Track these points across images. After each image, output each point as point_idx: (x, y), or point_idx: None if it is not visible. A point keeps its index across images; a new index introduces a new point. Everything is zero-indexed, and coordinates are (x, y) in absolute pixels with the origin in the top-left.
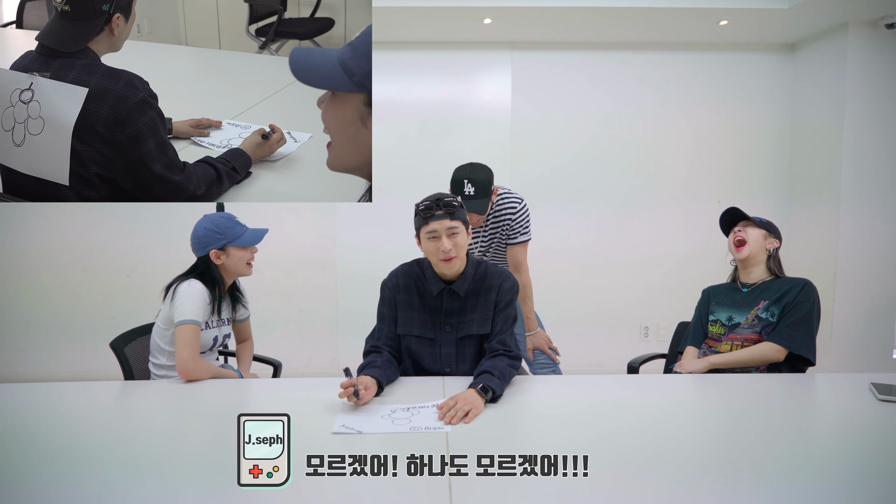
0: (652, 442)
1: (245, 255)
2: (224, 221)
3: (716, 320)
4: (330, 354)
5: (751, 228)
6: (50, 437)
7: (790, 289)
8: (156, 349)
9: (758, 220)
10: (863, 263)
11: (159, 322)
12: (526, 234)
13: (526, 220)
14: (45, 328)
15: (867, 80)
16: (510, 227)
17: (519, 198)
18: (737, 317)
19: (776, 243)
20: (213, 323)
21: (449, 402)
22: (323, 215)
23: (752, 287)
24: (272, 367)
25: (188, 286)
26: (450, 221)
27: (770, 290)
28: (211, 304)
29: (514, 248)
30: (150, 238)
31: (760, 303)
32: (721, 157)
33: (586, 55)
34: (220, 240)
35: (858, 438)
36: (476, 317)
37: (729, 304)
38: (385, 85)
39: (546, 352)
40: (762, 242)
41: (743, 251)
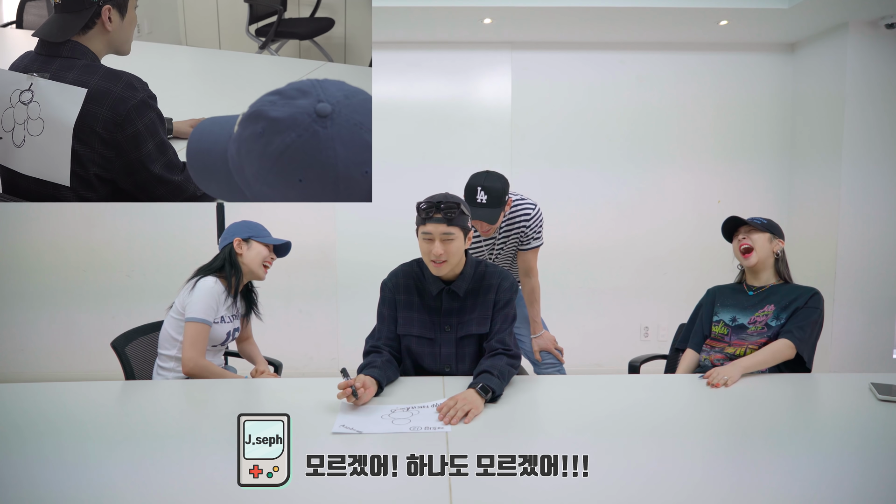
0: (652, 442)
1: (264, 252)
2: (256, 224)
3: (719, 321)
4: (330, 354)
5: (755, 234)
6: (50, 437)
7: (800, 295)
8: (166, 340)
9: (759, 221)
10: (863, 263)
11: (174, 312)
12: (538, 240)
13: (539, 225)
14: (45, 328)
15: (867, 80)
16: (524, 234)
17: (532, 203)
18: (741, 318)
19: (781, 243)
20: (228, 318)
21: (449, 402)
22: (323, 215)
23: (760, 290)
24: (272, 367)
25: (206, 283)
26: (446, 227)
27: (778, 295)
28: (227, 296)
29: (527, 254)
30: (150, 238)
31: (766, 307)
32: (721, 156)
33: (586, 55)
34: (247, 232)
35: (858, 438)
36: (475, 316)
37: (733, 304)
38: (385, 85)
39: (552, 352)
40: (768, 246)
41: (751, 258)
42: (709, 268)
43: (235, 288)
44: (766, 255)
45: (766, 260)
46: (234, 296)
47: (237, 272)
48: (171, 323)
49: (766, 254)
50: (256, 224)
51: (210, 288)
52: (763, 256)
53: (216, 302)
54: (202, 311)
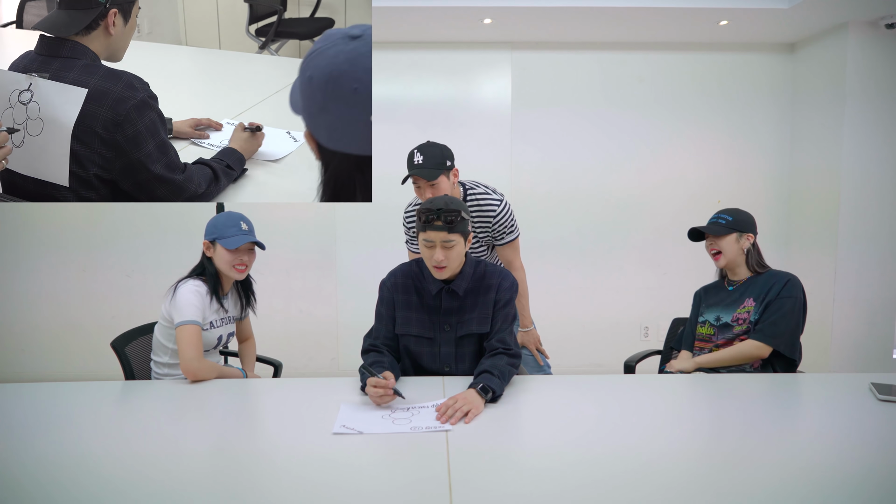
0: (651, 442)
1: (227, 257)
2: (226, 219)
3: (704, 321)
4: (330, 354)
5: (719, 239)
6: (50, 437)
7: (773, 285)
8: (158, 347)
9: (723, 221)
10: (863, 263)
11: (161, 320)
12: (513, 233)
13: (510, 220)
14: (45, 328)
15: (867, 80)
16: (494, 230)
17: (497, 198)
18: (724, 316)
19: (751, 238)
20: (217, 322)
21: (448, 401)
22: (323, 215)
23: (738, 284)
24: (272, 367)
25: (185, 286)
26: (447, 234)
27: (756, 287)
28: (210, 299)
29: (504, 249)
30: (150, 238)
31: (746, 301)
32: (721, 156)
33: (586, 55)
34: (212, 234)
35: (858, 438)
36: (475, 316)
37: (716, 303)
38: (385, 85)
39: (532, 352)
40: (736, 246)
41: (720, 261)
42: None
43: (215, 291)
44: (735, 254)
45: (736, 258)
46: (219, 299)
47: (215, 277)
48: (161, 330)
49: (734, 253)
50: (224, 219)
51: (190, 290)
52: (732, 256)
53: (200, 301)
54: (189, 314)
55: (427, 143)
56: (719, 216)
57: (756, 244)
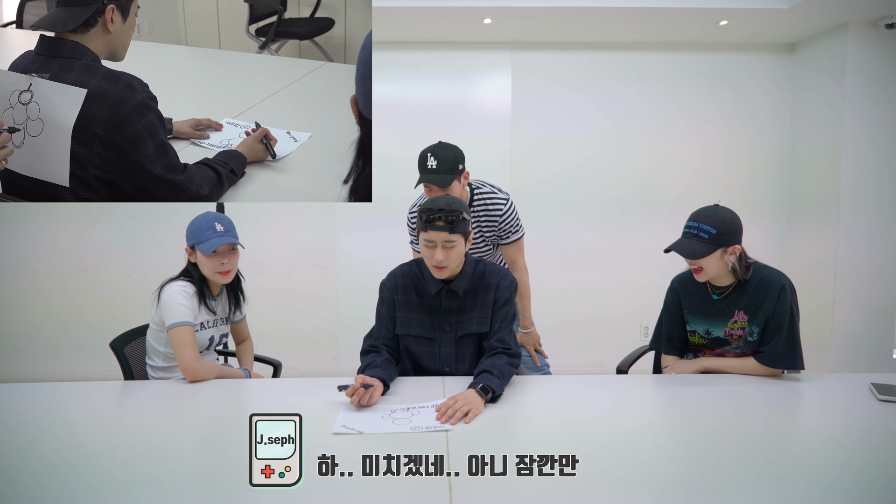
0: (651, 441)
1: (206, 262)
2: (201, 222)
3: (693, 331)
4: (330, 354)
5: (702, 260)
6: (50, 437)
7: (765, 298)
8: (151, 351)
9: (705, 236)
10: (862, 264)
11: (152, 324)
12: (517, 232)
13: (515, 218)
14: (45, 328)
15: (867, 80)
16: (500, 229)
17: (504, 197)
18: (714, 330)
19: (737, 250)
20: (208, 324)
21: (448, 401)
22: (323, 215)
23: (723, 294)
24: (272, 367)
25: (171, 288)
26: (448, 234)
27: (744, 297)
28: (197, 300)
29: (509, 248)
30: (150, 238)
31: (735, 314)
32: (721, 156)
33: (586, 55)
34: (191, 239)
35: (858, 439)
36: (475, 315)
37: (702, 312)
38: (385, 85)
39: (531, 352)
40: (720, 262)
41: (702, 276)
42: None
43: (201, 294)
44: (719, 270)
45: (720, 271)
46: (207, 301)
47: (200, 280)
48: (152, 334)
49: (717, 270)
50: (201, 222)
51: (177, 291)
52: (715, 272)
53: (189, 300)
54: (180, 314)
55: (440, 145)
56: (701, 227)
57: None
